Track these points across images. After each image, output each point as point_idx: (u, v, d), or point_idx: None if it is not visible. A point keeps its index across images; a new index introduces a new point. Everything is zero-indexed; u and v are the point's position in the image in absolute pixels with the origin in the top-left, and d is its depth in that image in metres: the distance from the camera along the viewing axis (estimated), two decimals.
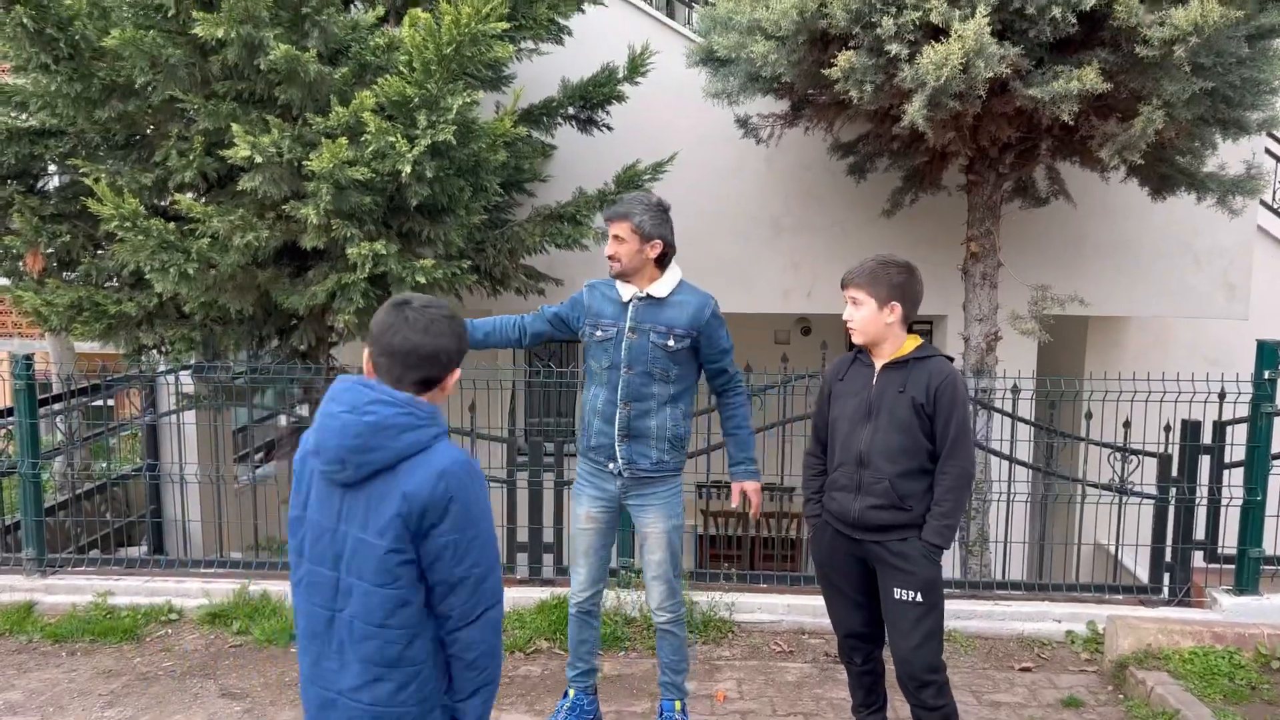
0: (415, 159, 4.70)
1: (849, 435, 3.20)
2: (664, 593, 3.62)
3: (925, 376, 3.10)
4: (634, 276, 3.44)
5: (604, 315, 3.47)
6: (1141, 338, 7.88)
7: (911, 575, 3.11)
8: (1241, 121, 5.06)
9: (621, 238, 3.41)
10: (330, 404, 2.09)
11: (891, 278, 3.11)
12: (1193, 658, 4.30)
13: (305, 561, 2.15)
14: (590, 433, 3.54)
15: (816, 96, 5.50)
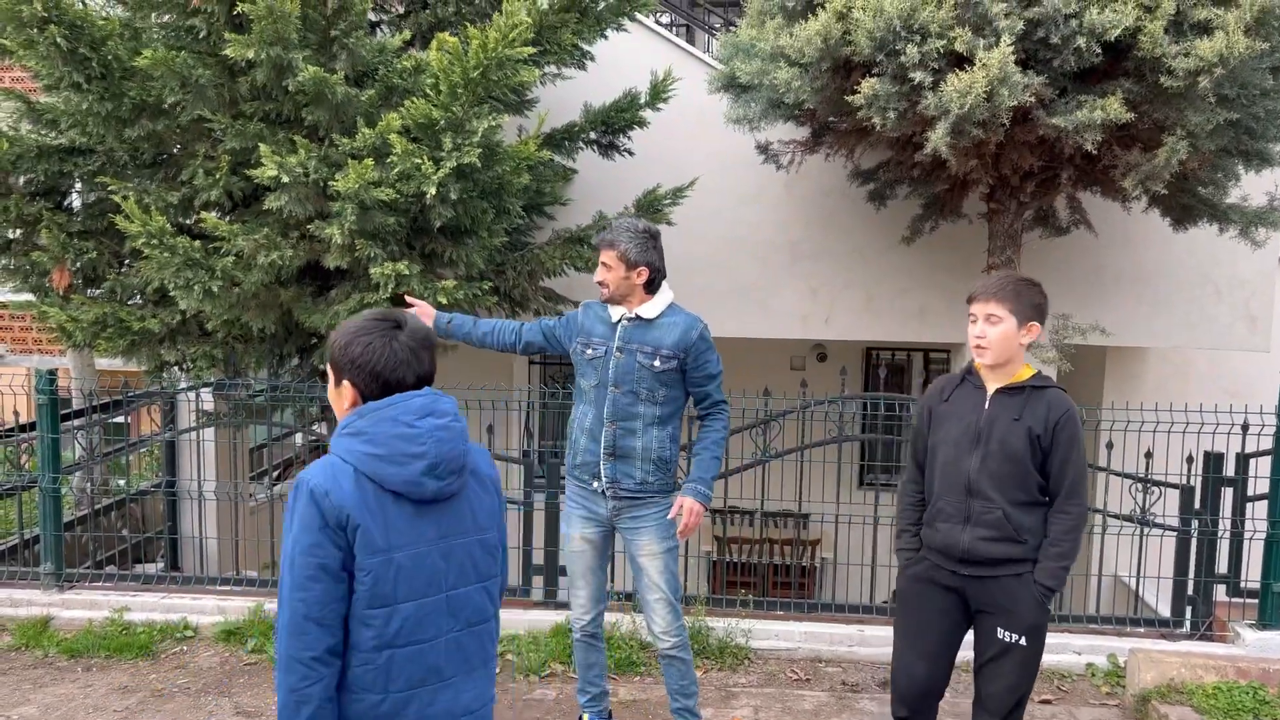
0: (440, 181, 4.74)
1: (953, 462, 2.99)
2: (668, 617, 3.58)
3: (1044, 408, 2.90)
4: (624, 300, 3.50)
5: (594, 334, 3.54)
6: (1161, 368, 7.84)
7: (1018, 617, 2.94)
8: (1265, 153, 5.06)
9: (609, 265, 3.46)
10: (430, 418, 1.99)
11: (1034, 297, 2.94)
12: (1216, 693, 4.24)
13: (400, 604, 1.97)
14: (576, 450, 3.57)
15: (838, 123, 5.52)
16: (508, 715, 4.20)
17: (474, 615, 2.08)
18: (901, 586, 3.20)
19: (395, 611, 1.95)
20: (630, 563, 3.64)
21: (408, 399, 2.00)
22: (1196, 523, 4.93)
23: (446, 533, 2.02)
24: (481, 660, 2.12)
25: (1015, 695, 3.00)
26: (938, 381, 3.22)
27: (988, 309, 2.95)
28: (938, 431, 3.09)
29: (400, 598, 1.95)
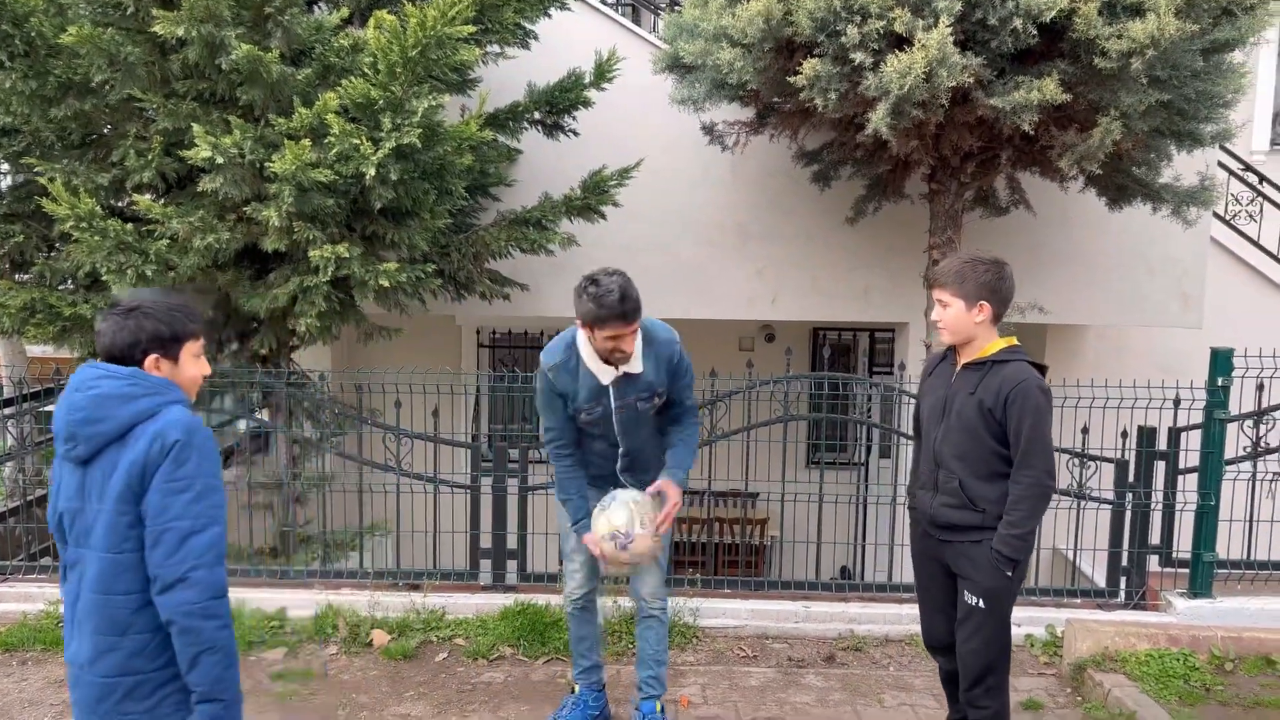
0: (379, 161, 4.67)
1: (927, 433, 3.22)
2: (659, 579, 3.71)
3: (998, 381, 3.01)
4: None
5: (581, 400, 3.41)
6: (1100, 346, 8.01)
7: (977, 581, 3.09)
8: (1196, 134, 5.17)
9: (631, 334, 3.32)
10: (75, 391, 2.22)
11: (980, 276, 3.03)
12: (1149, 660, 4.37)
13: (69, 546, 2.26)
14: (591, 467, 3.62)
15: (782, 104, 5.53)
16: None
17: (94, 581, 2.19)
18: (912, 548, 3.42)
19: (67, 553, 2.27)
20: None
21: (80, 370, 2.26)
22: (1130, 496, 5.06)
23: (87, 495, 2.20)
24: (95, 626, 2.19)
25: (981, 660, 3.13)
26: (931, 356, 3.44)
27: (938, 295, 3.12)
28: (921, 405, 3.32)
29: (70, 543, 2.26)
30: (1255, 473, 5.06)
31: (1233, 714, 3.99)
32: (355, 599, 4.96)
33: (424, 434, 5.15)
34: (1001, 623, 3.13)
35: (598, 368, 3.37)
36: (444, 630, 4.80)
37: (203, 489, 2.17)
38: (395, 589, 5.10)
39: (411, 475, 5.13)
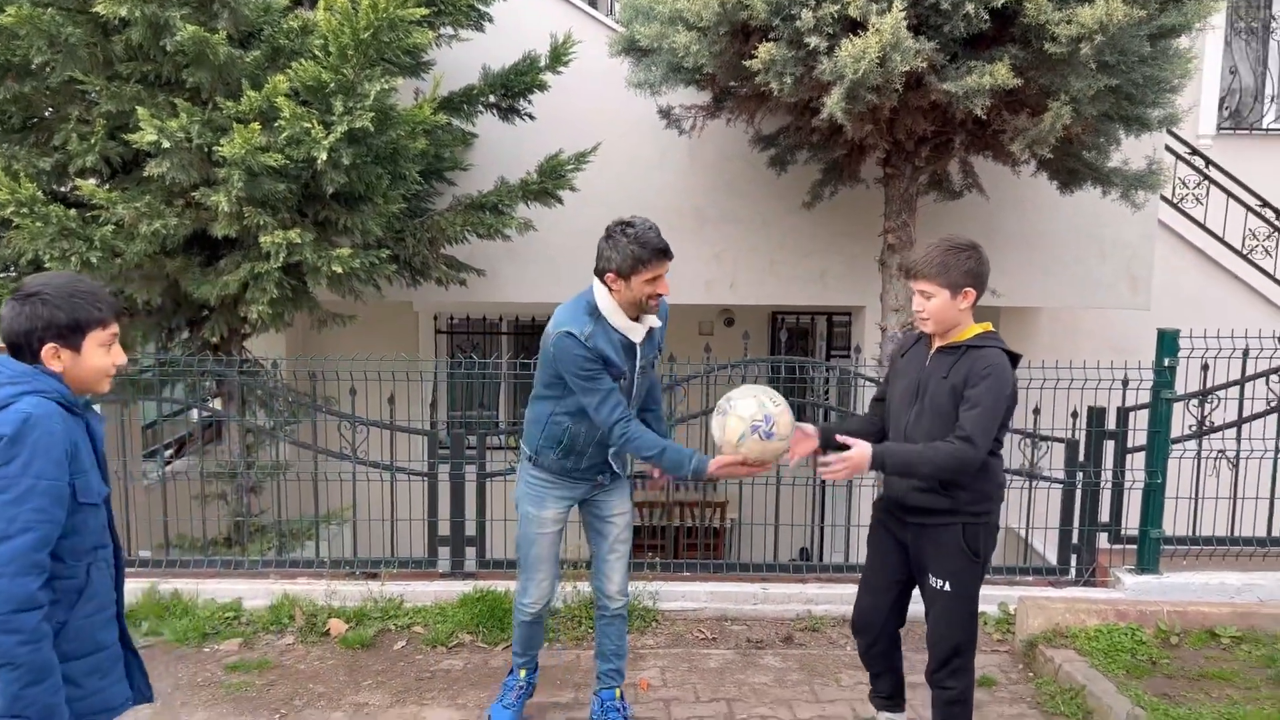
0: (331, 146, 4.59)
1: (898, 416, 3.18)
2: (625, 575, 3.66)
3: (968, 364, 3.03)
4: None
5: (613, 364, 3.24)
6: (1052, 327, 8.13)
7: (943, 562, 3.12)
8: (1144, 118, 5.24)
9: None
10: None
11: (963, 264, 3.03)
12: (1098, 635, 4.46)
13: None
14: (582, 459, 3.45)
15: (738, 88, 5.52)
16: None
17: None
18: (871, 528, 3.41)
19: None
20: (593, 522, 3.64)
21: None
22: (1081, 475, 5.15)
23: None
24: None
25: (949, 643, 3.18)
26: (904, 336, 3.44)
27: (920, 286, 3.08)
28: (892, 387, 3.29)
29: None
30: (1200, 451, 5.18)
31: (1177, 685, 4.09)
32: (312, 588, 4.91)
33: (380, 421, 5.10)
34: (968, 605, 3.17)
35: (626, 325, 3.25)
36: (402, 618, 4.77)
37: (24, 491, 2.05)
38: (353, 578, 5.06)
39: (368, 463, 5.09)
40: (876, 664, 3.43)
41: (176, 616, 4.70)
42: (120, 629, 2.39)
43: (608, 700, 3.73)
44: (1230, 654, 4.42)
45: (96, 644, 2.27)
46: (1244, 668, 4.26)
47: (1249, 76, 9.57)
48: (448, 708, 3.98)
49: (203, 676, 4.24)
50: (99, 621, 2.28)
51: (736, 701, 4.06)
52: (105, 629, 2.31)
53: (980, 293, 3.10)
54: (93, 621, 2.26)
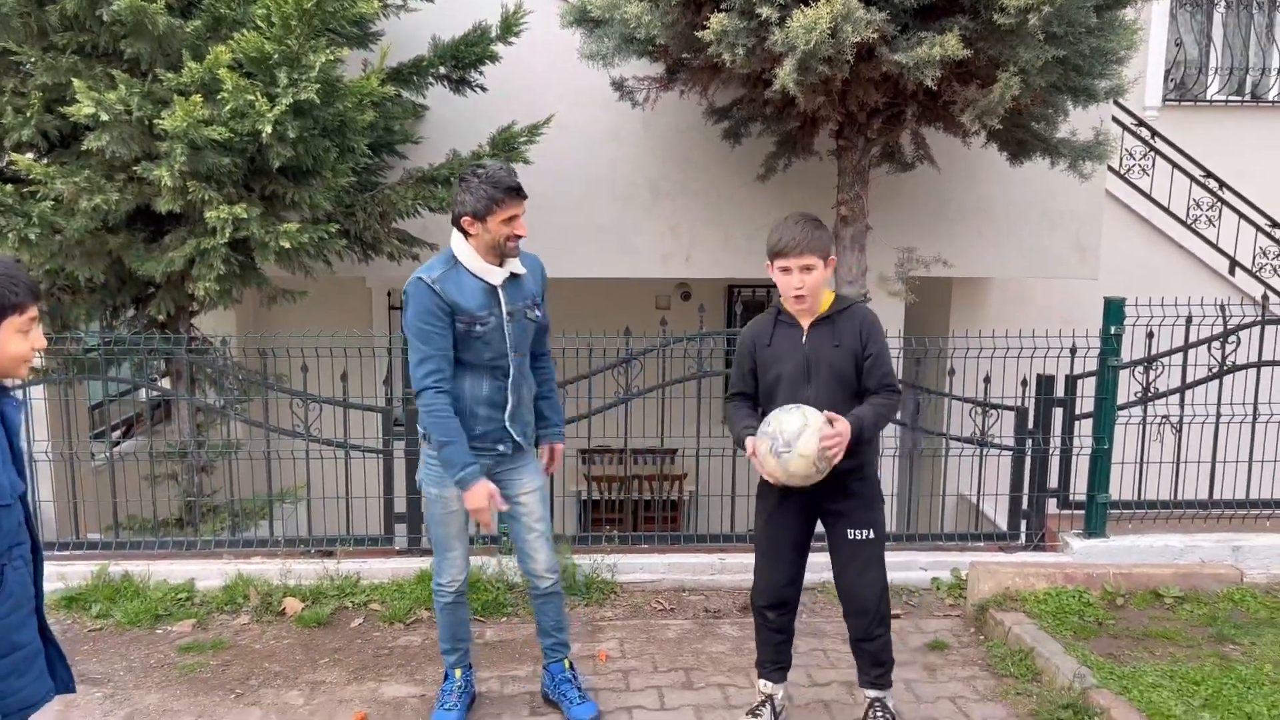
0: (276, 118, 4.50)
1: (791, 398, 3.23)
2: (549, 553, 3.62)
3: (854, 326, 3.24)
4: (502, 261, 3.33)
5: (475, 308, 3.26)
6: (1003, 297, 8.24)
7: (861, 516, 3.31)
8: (1091, 90, 5.30)
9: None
10: None
11: (826, 235, 3.21)
12: (1046, 598, 4.56)
13: None
14: (474, 424, 3.37)
15: (691, 60, 5.49)
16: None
17: None
18: (764, 497, 3.45)
19: None
20: (508, 503, 3.58)
21: None
22: (1030, 442, 5.25)
23: None
24: None
25: (877, 589, 3.35)
26: (754, 323, 3.44)
27: (803, 261, 3.17)
28: (769, 373, 3.33)
29: None
30: (1146, 417, 5.30)
31: (1122, 645, 4.20)
32: (266, 568, 4.87)
33: (332, 399, 5.05)
34: (884, 546, 3.39)
35: (484, 269, 3.28)
36: (359, 596, 4.75)
37: None
38: (308, 556, 5.02)
39: (321, 441, 5.04)
40: (786, 630, 3.52)
41: (128, 599, 4.64)
42: (40, 622, 2.31)
43: (558, 673, 3.73)
44: (1173, 613, 4.54)
45: (13, 645, 2.19)
46: (1186, 627, 4.39)
47: (1193, 49, 9.72)
48: (406, 683, 3.98)
49: (156, 658, 4.19)
50: (15, 622, 2.20)
51: (694, 671, 4.10)
52: (23, 628, 2.23)
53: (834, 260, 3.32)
54: (8, 623, 2.18)
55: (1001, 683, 3.98)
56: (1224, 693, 3.71)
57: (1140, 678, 3.82)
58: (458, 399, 3.34)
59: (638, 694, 3.89)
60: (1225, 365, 5.25)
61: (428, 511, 3.55)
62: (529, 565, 3.62)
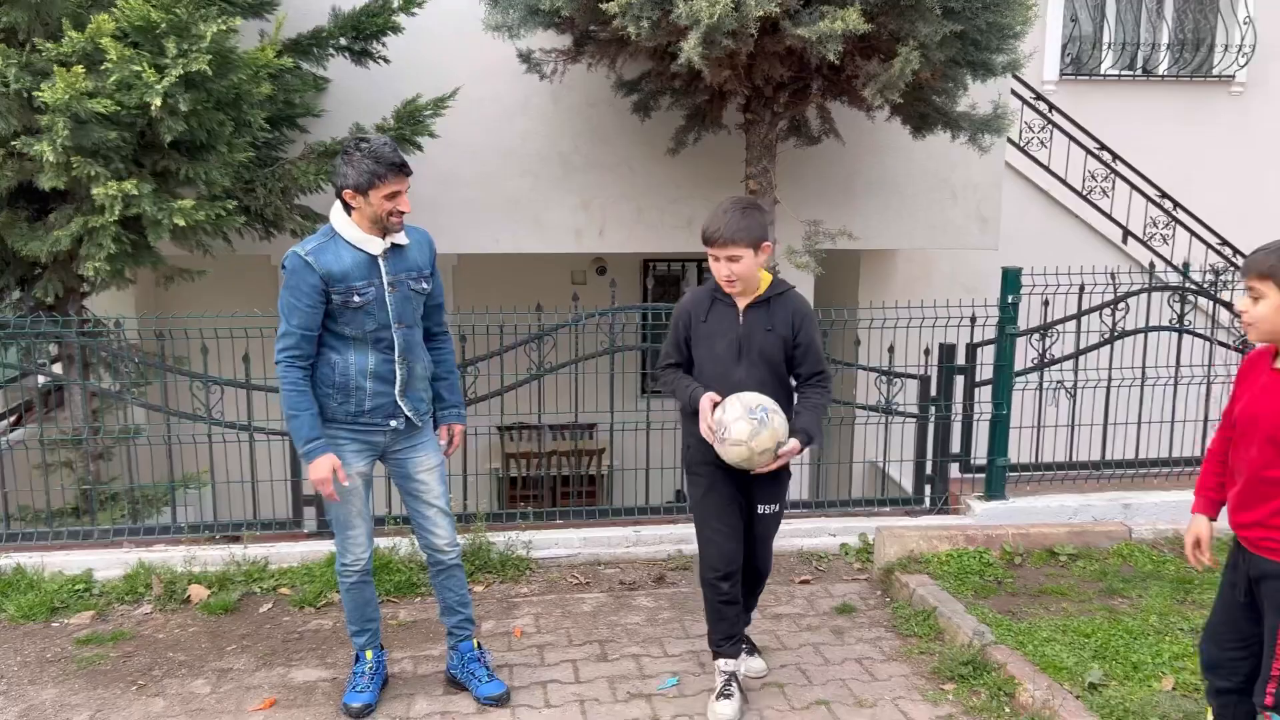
0: (166, 91, 4.33)
1: (722, 375, 3.31)
2: (450, 528, 3.60)
3: (787, 313, 3.34)
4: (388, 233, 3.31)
5: (352, 279, 3.22)
6: (909, 269, 8.43)
7: (775, 491, 3.49)
8: (989, 64, 5.43)
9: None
10: None
11: (759, 220, 3.25)
12: (949, 560, 4.72)
13: None
14: (363, 398, 3.33)
15: (598, 32, 5.46)
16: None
17: None
18: (697, 472, 3.49)
19: None
20: (403, 483, 3.56)
21: None
22: (933, 409, 5.40)
23: None
24: None
25: (768, 555, 3.66)
26: (692, 296, 3.48)
27: (729, 252, 3.22)
28: (701, 348, 3.40)
29: None
30: (1042, 382, 5.50)
31: (1020, 602, 4.37)
32: (169, 555, 4.74)
33: (235, 380, 4.92)
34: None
35: (363, 239, 3.24)
36: (268, 581, 4.66)
37: None
38: (213, 542, 4.90)
39: (224, 424, 4.91)
40: (738, 601, 3.52)
41: (20, 592, 4.46)
42: None
43: (467, 652, 3.70)
44: (1067, 570, 4.74)
45: None
46: (1079, 583, 4.59)
47: (1089, 24, 10.02)
48: (317, 667, 3.92)
49: (52, 652, 4.05)
50: None
51: (609, 643, 4.14)
52: None
53: (770, 244, 3.36)
54: None
55: (906, 642, 4.11)
56: (1112, 643, 3.89)
57: (1035, 633, 3.98)
58: (345, 375, 3.31)
59: (553, 668, 3.91)
60: (1115, 331, 5.46)
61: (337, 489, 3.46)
62: (431, 540, 3.59)
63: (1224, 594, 2.83)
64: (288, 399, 3.24)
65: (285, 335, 3.24)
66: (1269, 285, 2.52)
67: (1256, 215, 9.69)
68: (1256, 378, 2.67)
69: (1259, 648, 2.73)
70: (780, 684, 3.77)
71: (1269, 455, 2.58)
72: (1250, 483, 2.66)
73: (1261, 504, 2.62)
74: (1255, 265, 2.56)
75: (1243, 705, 2.82)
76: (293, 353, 3.24)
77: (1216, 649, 2.85)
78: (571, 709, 3.59)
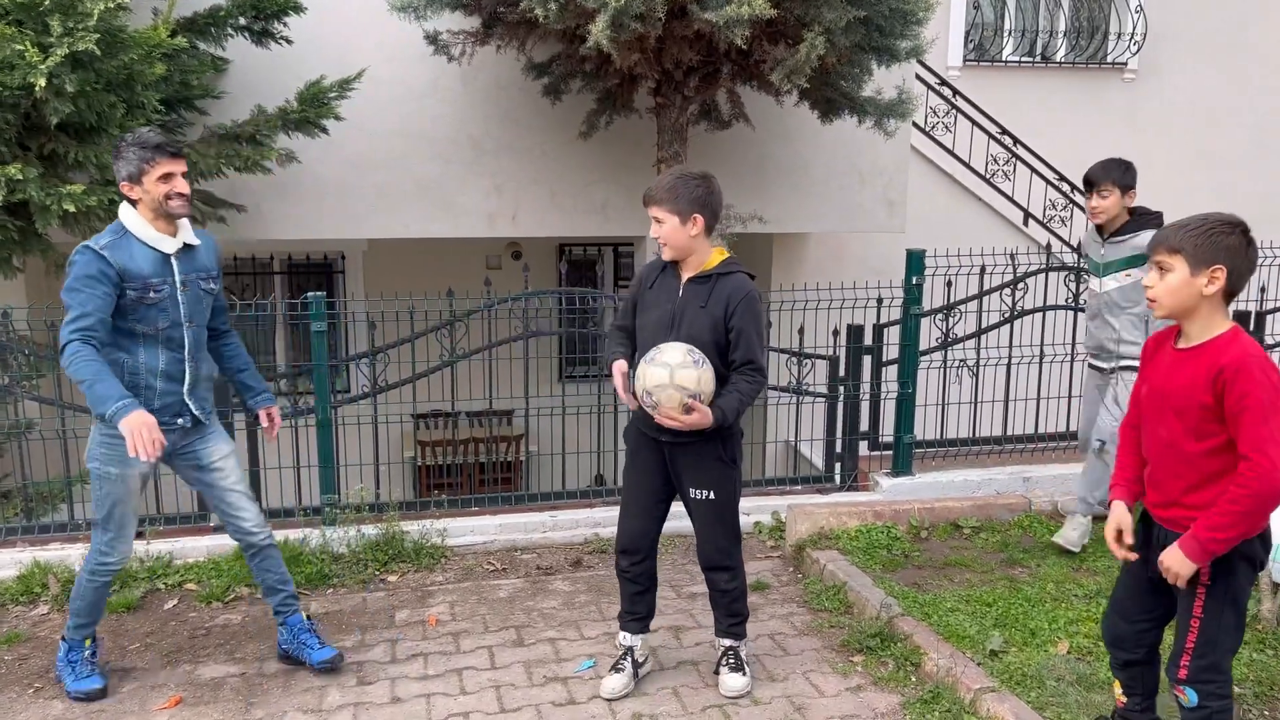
0: (51, 70, 4.15)
1: (653, 344, 3.26)
2: (256, 510, 3.65)
3: (724, 294, 3.24)
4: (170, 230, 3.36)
5: (149, 274, 3.28)
6: (820, 252, 8.57)
7: (704, 475, 3.35)
8: (893, 49, 5.54)
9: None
10: None
11: (691, 191, 3.20)
12: (858, 535, 4.84)
13: None
14: (151, 397, 3.35)
15: (506, 14, 5.40)
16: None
17: None
18: (627, 439, 3.53)
19: None
20: (201, 475, 3.58)
21: None
22: (842, 389, 5.52)
23: None
24: None
25: (713, 545, 3.46)
26: (650, 263, 3.51)
27: (654, 212, 3.26)
28: (642, 315, 3.41)
29: None
30: (946, 361, 5.66)
31: (925, 574, 4.51)
32: (66, 553, 4.58)
33: None
34: (731, 507, 3.44)
35: (156, 237, 3.31)
36: (172, 577, 4.53)
37: None
38: None
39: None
40: (642, 581, 3.56)
41: None
42: None
43: (297, 624, 3.75)
44: (971, 543, 4.91)
45: None
46: (981, 554, 4.75)
47: (990, 12, 10.29)
48: (225, 662, 3.84)
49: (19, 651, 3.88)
50: None
51: (526, 628, 4.14)
52: None
53: (711, 222, 3.29)
54: None
55: (817, 617, 4.20)
56: (1012, 611, 4.04)
57: (940, 604, 4.12)
58: (134, 375, 3.34)
59: (468, 655, 3.90)
60: (1015, 310, 5.65)
61: (102, 491, 3.40)
62: (239, 525, 3.62)
63: (1131, 570, 2.84)
64: (87, 368, 3.11)
65: (79, 318, 3.16)
66: (1178, 259, 2.51)
67: (1149, 196, 10.11)
68: (1162, 358, 2.69)
69: (1164, 618, 2.82)
70: (694, 661, 3.82)
71: (1176, 430, 2.60)
72: (1161, 461, 2.67)
73: (1174, 481, 2.64)
74: (1165, 240, 2.55)
75: (1149, 675, 2.91)
76: (89, 332, 3.16)
77: (1124, 623, 2.88)
78: (488, 695, 3.59)
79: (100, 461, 3.36)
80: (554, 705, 3.51)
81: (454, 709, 3.49)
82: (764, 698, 3.54)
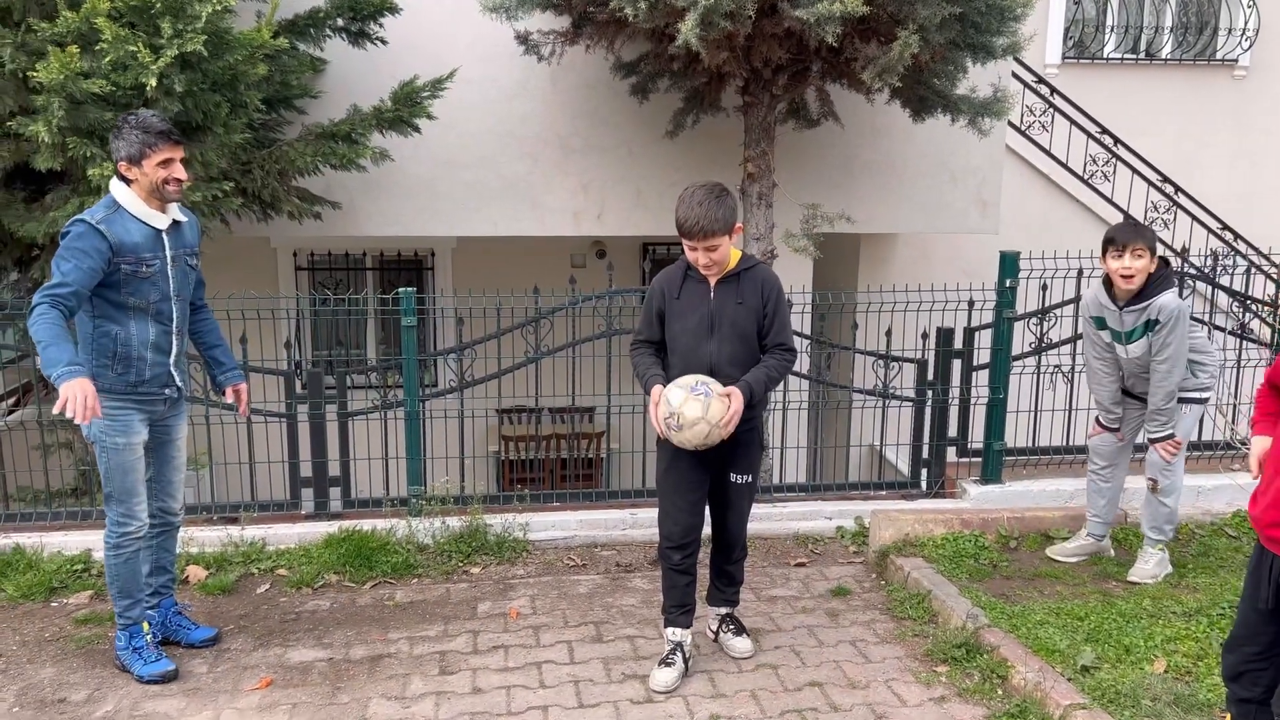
0: (161, 71, 4.32)
1: (694, 350, 3.45)
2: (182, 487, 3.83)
3: (756, 285, 3.45)
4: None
5: (141, 249, 3.39)
6: (907, 253, 8.41)
7: (747, 462, 3.60)
8: (989, 46, 5.40)
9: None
10: None
11: (729, 208, 3.32)
12: (944, 543, 4.73)
13: None
14: (143, 368, 3.49)
15: (596, 13, 5.43)
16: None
17: None
18: (663, 445, 3.58)
19: None
20: (160, 450, 3.69)
21: None
22: (930, 393, 5.40)
23: None
24: None
25: (741, 524, 3.76)
26: (665, 274, 3.58)
27: (708, 242, 3.33)
28: (675, 324, 3.52)
29: None
30: (1039, 366, 5.50)
31: (1014, 585, 4.39)
32: None
33: None
34: (757, 488, 3.77)
35: (148, 213, 3.41)
36: (265, 562, 4.68)
37: None
38: (211, 523, 4.92)
39: (222, 405, 4.91)
40: (692, 572, 3.67)
41: (20, 572, 4.48)
42: None
43: (170, 607, 3.89)
44: None
45: None
46: (1072, 566, 4.60)
47: (1091, 7, 9.96)
48: (313, 647, 3.94)
49: (51, 631, 4.07)
50: None
51: (605, 624, 4.15)
52: None
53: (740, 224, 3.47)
54: None
55: (900, 625, 4.12)
56: (1105, 627, 3.90)
57: (1029, 616, 4.00)
58: (125, 347, 3.44)
59: (548, 649, 3.93)
60: None
61: (110, 463, 3.49)
62: (169, 504, 3.77)
63: (1247, 598, 2.71)
64: (47, 331, 3.14)
65: (60, 285, 3.22)
66: None
67: (1258, 200, 9.68)
68: None
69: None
70: (774, 665, 3.78)
71: None
72: None
73: None
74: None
75: (1262, 714, 2.77)
76: (62, 299, 3.21)
77: (1238, 659, 2.75)
78: (567, 689, 3.61)
79: (108, 433, 3.46)
80: (632, 703, 3.51)
81: (533, 702, 3.52)
82: (844, 704, 3.49)
